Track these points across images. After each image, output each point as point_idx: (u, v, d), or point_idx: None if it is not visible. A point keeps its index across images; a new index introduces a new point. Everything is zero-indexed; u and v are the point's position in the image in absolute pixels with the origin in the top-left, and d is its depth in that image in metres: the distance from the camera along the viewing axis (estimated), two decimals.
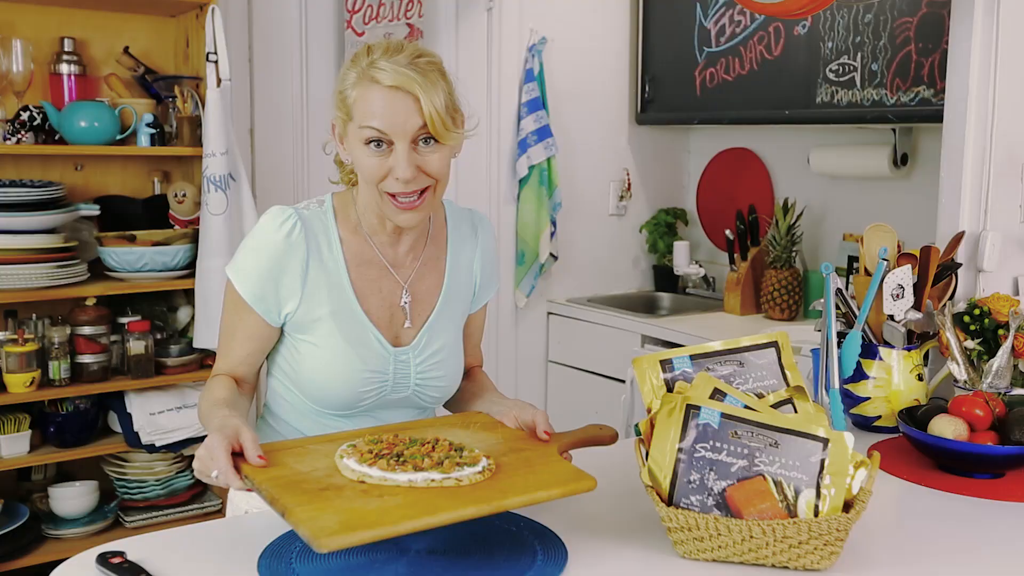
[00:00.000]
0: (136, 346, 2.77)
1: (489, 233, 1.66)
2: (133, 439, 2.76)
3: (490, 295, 1.69)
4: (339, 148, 1.51)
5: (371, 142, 1.41)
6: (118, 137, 2.81)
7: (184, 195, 2.91)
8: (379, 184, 1.43)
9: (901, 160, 3.20)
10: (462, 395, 1.69)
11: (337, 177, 1.60)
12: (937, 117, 2.29)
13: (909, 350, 1.93)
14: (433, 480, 1.24)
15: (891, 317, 1.93)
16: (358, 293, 1.50)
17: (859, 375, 1.93)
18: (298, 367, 1.51)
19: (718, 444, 1.30)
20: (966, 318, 1.97)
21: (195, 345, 2.85)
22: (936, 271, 1.98)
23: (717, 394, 1.39)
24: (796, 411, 1.47)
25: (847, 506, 1.29)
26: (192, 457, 2.87)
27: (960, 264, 2.10)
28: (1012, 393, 1.86)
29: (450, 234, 1.61)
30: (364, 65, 1.42)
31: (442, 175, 1.44)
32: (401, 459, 1.27)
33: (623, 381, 3.39)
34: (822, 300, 1.82)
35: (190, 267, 2.84)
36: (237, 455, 1.27)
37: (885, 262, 1.91)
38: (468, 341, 1.70)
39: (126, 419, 2.78)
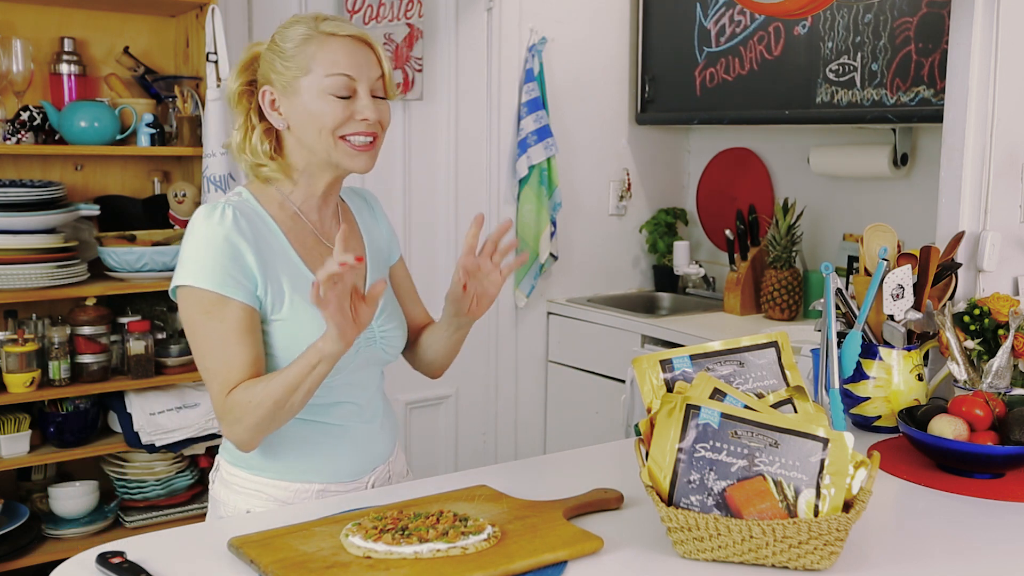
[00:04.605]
0: (136, 346, 2.77)
1: (375, 198, 1.79)
2: (133, 439, 2.75)
3: (398, 250, 1.79)
4: (272, 115, 1.54)
5: (336, 89, 1.48)
6: (118, 137, 2.81)
7: (184, 195, 2.91)
8: (337, 130, 1.49)
9: (901, 160, 3.20)
10: (430, 343, 1.75)
11: (243, 181, 1.66)
12: (937, 117, 2.29)
13: (909, 350, 1.93)
14: (439, 550, 1.25)
15: (891, 317, 1.93)
16: (307, 263, 1.55)
17: (859, 375, 1.93)
18: (272, 348, 1.52)
19: (718, 444, 1.30)
20: (966, 318, 1.97)
21: None
22: (936, 271, 1.98)
23: (717, 394, 1.39)
24: (796, 411, 1.47)
25: (847, 506, 1.29)
26: (192, 457, 2.90)
27: (960, 264, 2.10)
28: (1012, 393, 1.86)
29: (350, 204, 1.72)
30: (313, 24, 1.50)
31: (386, 128, 1.57)
32: (406, 532, 1.28)
33: (623, 381, 3.39)
34: (822, 300, 1.82)
35: None
36: None
37: (885, 262, 1.91)
38: (411, 298, 1.79)
39: (126, 419, 2.78)
